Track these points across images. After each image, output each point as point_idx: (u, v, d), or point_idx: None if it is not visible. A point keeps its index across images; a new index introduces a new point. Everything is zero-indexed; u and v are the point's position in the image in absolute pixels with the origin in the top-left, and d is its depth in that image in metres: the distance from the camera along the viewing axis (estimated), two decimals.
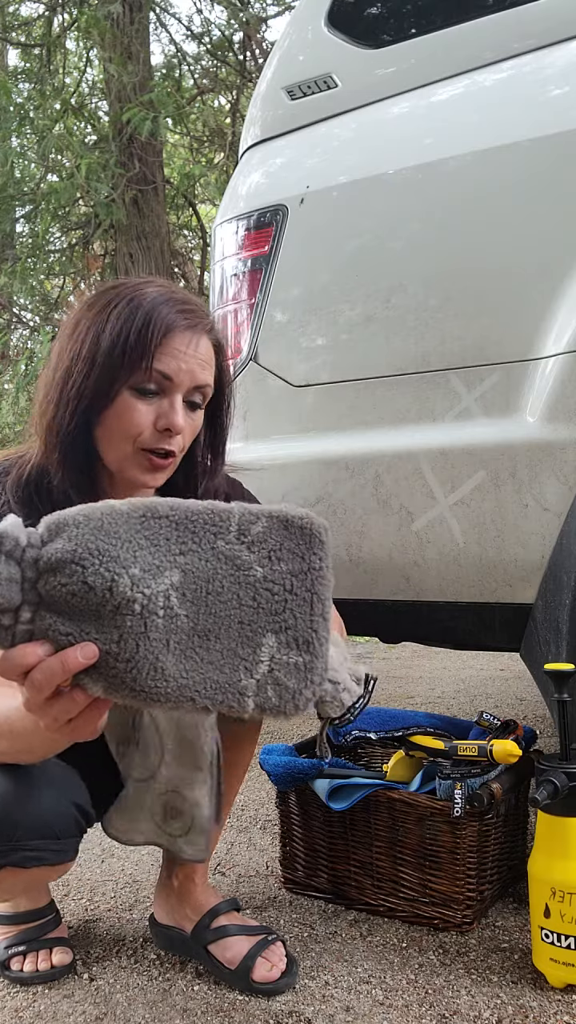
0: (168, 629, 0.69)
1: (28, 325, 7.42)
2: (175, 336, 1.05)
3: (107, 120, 6.63)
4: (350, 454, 1.46)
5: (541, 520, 1.30)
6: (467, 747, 1.31)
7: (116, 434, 1.05)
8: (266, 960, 1.16)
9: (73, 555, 0.67)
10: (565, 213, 1.29)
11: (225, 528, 0.73)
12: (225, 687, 0.70)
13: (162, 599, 0.70)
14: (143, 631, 0.69)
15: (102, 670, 0.68)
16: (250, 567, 0.72)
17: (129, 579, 0.68)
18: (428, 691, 3.13)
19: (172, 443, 1.06)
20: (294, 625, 0.73)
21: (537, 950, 1.14)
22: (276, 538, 0.74)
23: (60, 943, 1.26)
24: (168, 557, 0.71)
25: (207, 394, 1.10)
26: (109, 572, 0.68)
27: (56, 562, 0.67)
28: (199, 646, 0.71)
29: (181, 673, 0.69)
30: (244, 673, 0.71)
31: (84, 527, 0.69)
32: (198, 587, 0.71)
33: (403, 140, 1.48)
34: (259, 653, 0.72)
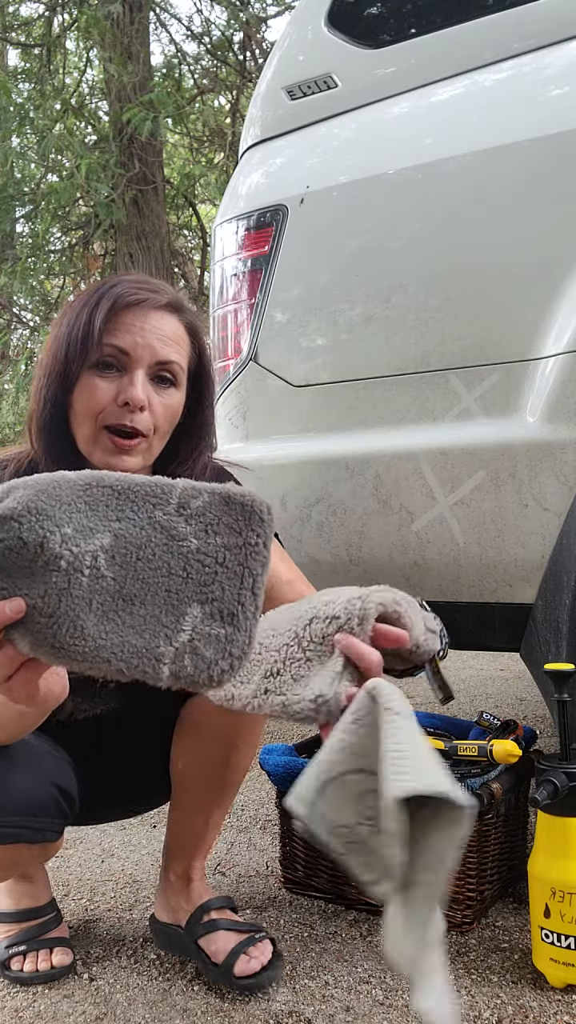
0: (92, 589, 0.71)
1: (28, 325, 7.42)
2: (129, 311, 1.05)
3: (107, 120, 6.63)
4: (350, 454, 1.46)
5: (541, 520, 1.30)
6: (467, 747, 1.31)
7: (80, 415, 1.06)
8: (247, 955, 1.16)
9: (12, 512, 0.70)
10: (565, 213, 1.29)
11: (165, 500, 0.75)
12: (142, 652, 0.72)
13: (89, 559, 0.72)
14: (66, 587, 0.71)
15: (28, 625, 0.70)
16: (185, 538, 0.74)
17: (60, 536, 0.71)
18: (428, 691, 3.13)
19: (136, 420, 1.05)
20: (220, 597, 0.74)
21: (537, 950, 1.14)
22: (215, 512, 0.76)
23: (60, 943, 1.26)
24: (103, 522, 0.73)
25: (175, 372, 1.09)
26: (43, 529, 0.70)
27: None
28: (122, 610, 0.72)
29: (100, 634, 0.71)
30: (164, 640, 0.72)
31: (29, 489, 0.72)
32: (128, 552, 0.73)
33: (403, 140, 1.48)
34: (181, 622, 0.73)
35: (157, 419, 1.07)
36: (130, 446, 1.06)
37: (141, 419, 1.05)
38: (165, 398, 1.08)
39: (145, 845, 1.70)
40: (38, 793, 1.08)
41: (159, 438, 1.10)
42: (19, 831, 1.07)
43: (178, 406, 1.11)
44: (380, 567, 1.46)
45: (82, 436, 1.07)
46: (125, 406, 1.04)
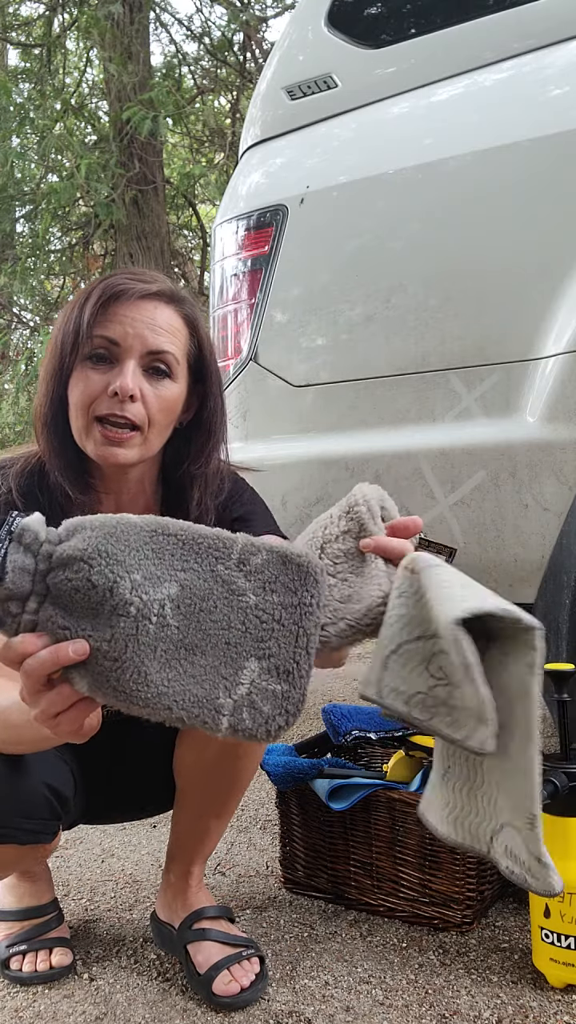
0: (158, 637, 0.73)
1: (28, 325, 7.42)
2: (120, 302, 1.04)
3: (107, 120, 6.63)
4: (350, 454, 1.46)
5: (541, 520, 1.30)
6: None
7: (75, 406, 1.06)
8: (229, 973, 1.14)
9: (83, 553, 0.71)
10: (565, 213, 1.29)
11: (227, 554, 0.77)
12: (203, 702, 0.73)
13: (157, 607, 0.73)
14: (134, 634, 0.72)
15: (90, 667, 0.71)
16: (244, 593, 0.76)
17: (130, 583, 0.72)
18: None
19: (127, 410, 1.03)
20: (277, 654, 0.76)
21: (537, 950, 1.13)
22: (273, 571, 0.77)
23: (61, 943, 1.26)
24: (169, 571, 0.75)
25: (170, 363, 1.07)
26: (112, 573, 0.72)
27: (67, 558, 0.71)
28: (184, 659, 0.74)
29: (163, 681, 0.72)
30: (223, 692, 0.74)
31: (98, 531, 0.73)
32: (192, 603, 0.75)
33: (403, 140, 1.48)
34: (240, 675, 0.75)
35: (151, 410, 1.05)
36: (121, 438, 1.04)
37: (132, 409, 1.04)
38: (159, 389, 1.06)
39: (145, 845, 1.70)
40: (30, 794, 1.08)
41: (156, 432, 1.07)
42: (10, 832, 1.07)
43: (175, 398, 1.09)
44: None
45: (76, 428, 1.07)
46: (115, 396, 1.03)
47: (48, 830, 1.12)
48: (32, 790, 1.08)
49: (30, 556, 0.71)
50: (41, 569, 0.71)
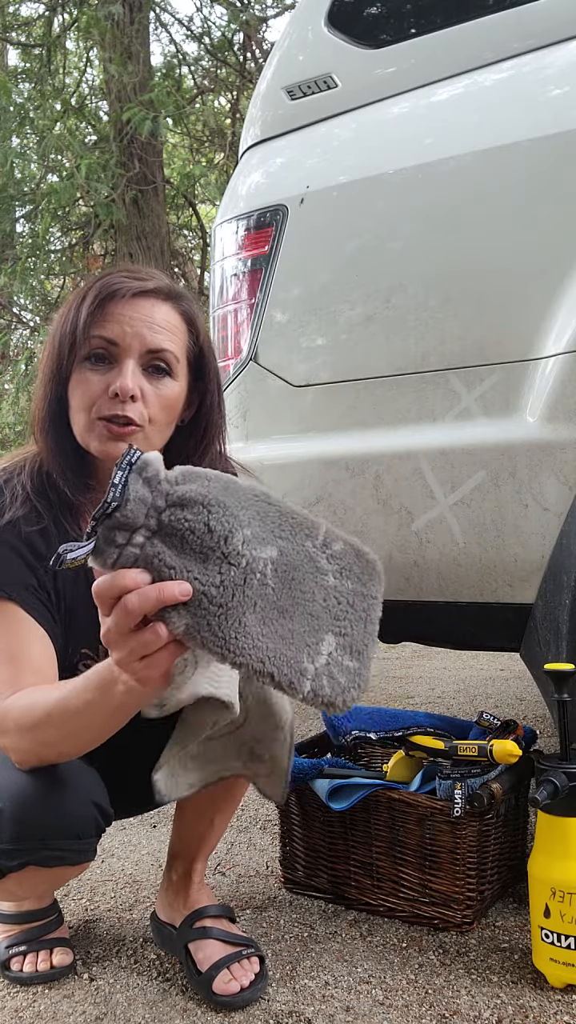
0: (259, 593, 0.76)
1: (28, 325, 7.42)
2: (117, 301, 1.04)
3: (107, 120, 6.63)
4: (350, 454, 1.46)
5: (541, 520, 1.30)
6: (467, 747, 1.31)
7: (76, 409, 1.06)
8: (229, 973, 1.14)
9: (204, 498, 0.74)
10: (565, 213, 1.29)
11: (315, 534, 0.82)
12: (292, 662, 0.76)
13: (262, 564, 0.76)
14: (242, 584, 0.74)
15: (192, 609, 0.73)
16: (326, 573, 0.81)
17: (242, 536, 0.75)
18: (428, 691, 3.13)
19: (128, 409, 1.03)
20: (351, 634, 0.81)
21: (537, 950, 1.13)
22: (349, 559, 0.83)
23: (61, 943, 1.26)
24: (272, 535, 0.79)
25: (169, 361, 1.06)
26: (229, 523, 0.74)
27: (188, 499, 0.73)
28: (276, 620, 0.77)
29: (260, 635, 0.75)
30: (307, 658, 0.77)
31: (215, 482, 0.76)
32: (287, 570, 0.78)
33: (403, 140, 1.48)
34: (321, 646, 0.79)
35: (151, 409, 1.06)
36: (124, 432, 1.04)
37: (133, 408, 1.04)
38: (160, 388, 1.06)
39: (145, 845, 1.70)
40: (81, 815, 1.08)
41: (156, 429, 1.08)
42: (64, 854, 1.08)
43: (175, 396, 1.09)
44: None
45: (78, 429, 1.07)
46: (116, 397, 1.03)
47: (94, 847, 1.12)
48: (82, 811, 1.08)
49: (147, 489, 0.72)
50: (158, 505, 0.72)
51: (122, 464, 0.72)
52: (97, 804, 1.10)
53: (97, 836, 1.12)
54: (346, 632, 0.80)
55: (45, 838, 1.06)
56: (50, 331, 1.10)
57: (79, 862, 1.11)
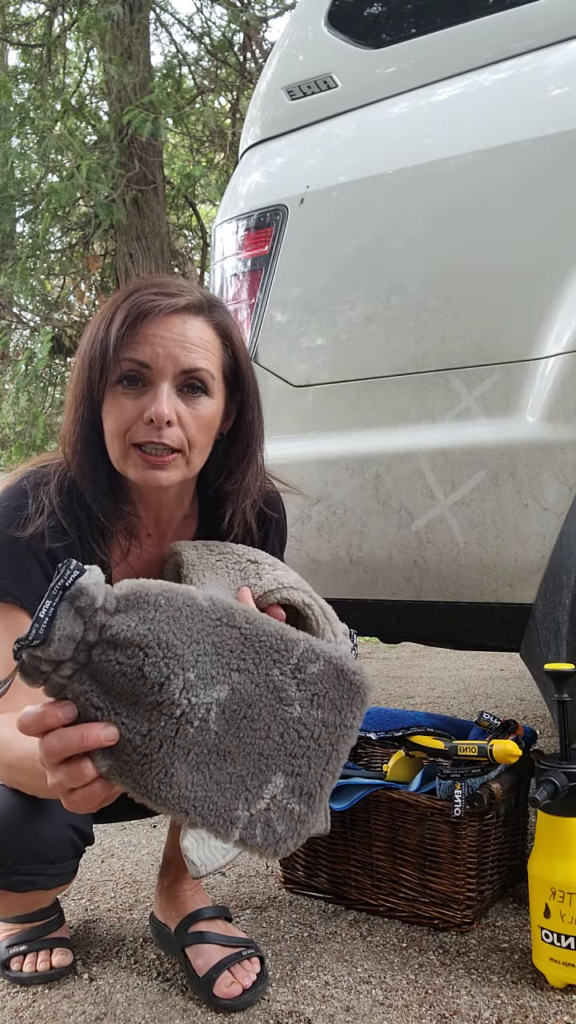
0: (194, 741, 0.69)
1: (28, 325, 7.42)
2: (148, 321, 0.99)
3: (107, 120, 6.63)
4: (350, 454, 1.46)
5: (541, 520, 1.30)
6: (467, 747, 1.31)
7: (110, 434, 1.02)
8: (230, 975, 1.13)
9: (142, 639, 0.66)
10: (565, 213, 1.29)
11: (286, 658, 0.73)
12: (220, 811, 0.70)
13: (203, 711, 0.69)
14: (172, 736, 0.68)
15: (116, 753, 0.67)
16: (291, 703, 0.73)
17: (182, 683, 0.67)
18: (428, 691, 3.13)
19: (164, 436, 0.99)
20: (305, 773, 0.73)
21: (537, 950, 1.13)
22: (325, 684, 0.74)
23: (61, 943, 1.25)
24: (225, 670, 0.70)
25: (205, 379, 1.02)
26: (167, 668, 0.67)
27: (122, 639, 0.66)
28: (214, 763, 0.70)
29: (187, 784, 0.69)
30: (242, 804, 0.71)
31: (162, 612, 0.68)
32: (239, 709, 0.71)
33: (403, 140, 1.48)
34: (263, 790, 0.72)
35: (189, 432, 1.01)
36: (163, 461, 1.00)
37: (170, 434, 0.99)
38: (196, 408, 1.02)
39: (145, 845, 1.69)
40: (56, 839, 1.07)
41: (197, 451, 1.03)
42: (36, 879, 1.07)
43: (213, 415, 1.04)
44: (380, 567, 1.46)
45: (114, 455, 1.03)
46: (151, 423, 0.98)
47: (71, 869, 1.12)
48: (57, 836, 1.07)
49: (80, 623, 0.65)
50: (89, 640, 0.65)
51: (53, 590, 0.64)
52: (74, 827, 1.09)
53: (75, 858, 1.12)
54: (300, 771, 0.72)
55: (17, 863, 1.05)
56: (79, 349, 1.06)
57: (52, 886, 1.11)
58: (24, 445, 6.57)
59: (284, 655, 0.73)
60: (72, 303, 7.66)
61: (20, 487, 1.06)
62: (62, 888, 1.17)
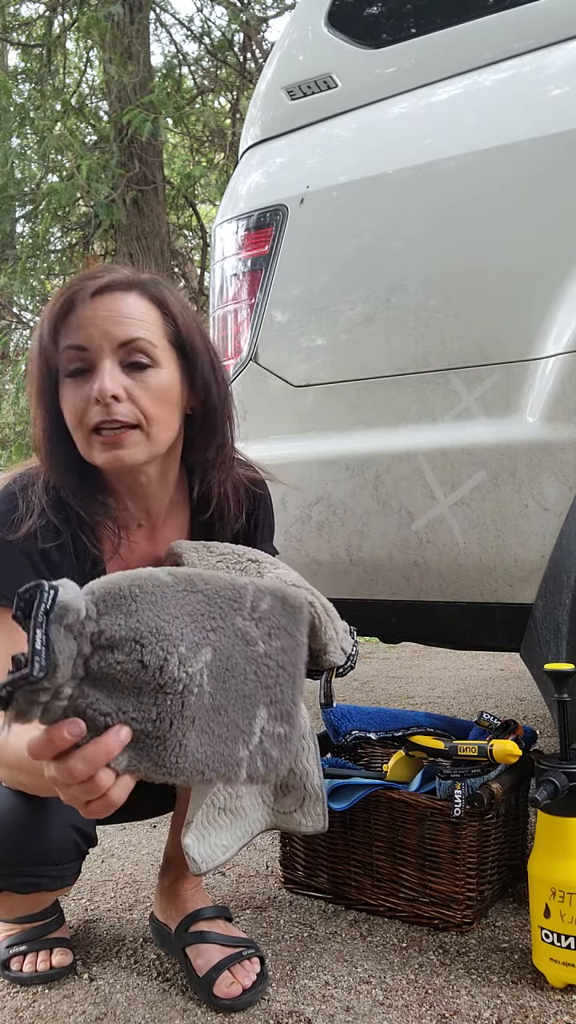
0: (197, 706, 0.71)
1: (28, 325, 7.42)
2: (78, 306, 1.00)
3: (107, 120, 6.63)
4: (350, 454, 1.46)
5: (541, 520, 1.30)
6: (467, 747, 1.31)
7: (71, 427, 1.03)
8: (230, 975, 1.13)
9: (135, 633, 0.67)
10: (565, 213, 1.29)
11: (242, 604, 0.77)
12: (227, 759, 0.73)
13: (198, 677, 0.72)
14: (180, 709, 0.70)
15: (132, 748, 0.69)
16: (256, 642, 0.77)
17: (177, 658, 0.70)
18: (428, 691, 3.13)
19: (114, 412, 0.98)
20: (281, 699, 0.78)
21: (537, 950, 1.13)
22: (276, 616, 0.79)
23: (61, 943, 1.25)
24: (204, 634, 0.73)
25: (147, 350, 1.01)
26: (163, 651, 0.69)
27: (116, 639, 0.66)
28: (213, 720, 0.73)
29: (198, 749, 0.71)
30: (242, 745, 0.75)
31: (141, 601, 0.69)
32: (222, 664, 0.74)
33: (403, 140, 1.48)
34: (253, 725, 0.76)
35: (142, 405, 1.00)
36: (119, 440, 0.99)
37: (120, 409, 0.99)
38: (145, 380, 1.01)
39: (145, 845, 1.70)
40: (58, 841, 1.07)
41: (157, 425, 1.02)
42: (39, 880, 1.07)
43: (165, 385, 1.02)
44: (380, 567, 1.46)
45: (80, 447, 1.03)
46: (99, 403, 0.98)
47: (74, 870, 1.12)
48: (60, 837, 1.07)
49: (72, 639, 0.64)
50: (84, 652, 0.65)
51: (38, 617, 0.62)
52: (77, 828, 1.09)
53: (78, 860, 1.11)
54: (276, 699, 0.77)
55: (20, 864, 1.05)
56: (29, 351, 1.07)
57: (55, 888, 1.11)
58: (24, 445, 6.57)
59: (240, 602, 0.77)
60: None
61: (9, 490, 1.07)
62: (65, 889, 1.17)
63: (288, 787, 1.09)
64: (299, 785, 1.10)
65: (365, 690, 3.21)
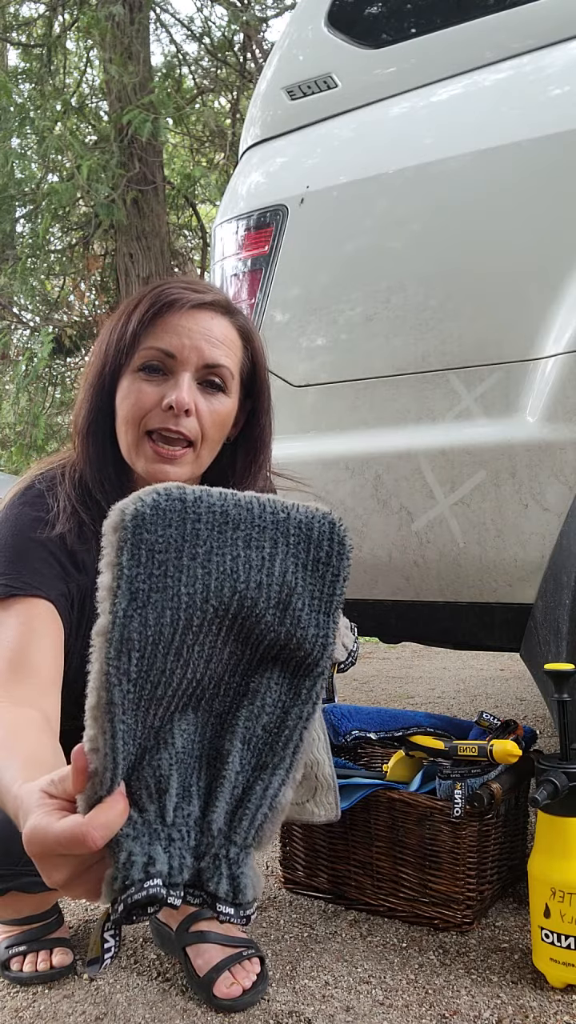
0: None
1: (28, 325, 7.42)
2: (175, 312, 1.00)
3: (107, 121, 6.63)
4: (350, 454, 1.46)
5: (541, 520, 1.30)
6: (467, 747, 1.31)
7: (124, 420, 1.02)
8: (231, 975, 1.13)
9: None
10: (565, 213, 1.29)
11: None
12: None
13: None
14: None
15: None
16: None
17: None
18: (428, 691, 3.13)
19: (181, 424, 0.99)
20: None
21: (537, 950, 1.13)
22: None
23: (61, 943, 1.25)
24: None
25: (225, 377, 1.02)
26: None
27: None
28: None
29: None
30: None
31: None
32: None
33: (403, 140, 1.48)
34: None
35: (205, 426, 1.01)
36: (174, 455, 1.00)
37: (187, 424, 0.99)
38: (214, 404, 1.02)
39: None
40: None
41: (207, 448, 1.03)
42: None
43: (228, 414, 1.04)
44: (380, 567, 1.46)
45: (125, 444, 1.02)
46: (170, 410, 0.98)
47: None
48: None
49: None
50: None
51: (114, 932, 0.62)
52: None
53: None
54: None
55: (28, 863, 1.05)
56: (98, 339, 1.06)
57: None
58: (24, 445, 6.57)
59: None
60: (72, 303, 7.67)
61: (37, 491, 1.05)
62: None
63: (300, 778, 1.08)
64: (311, 775, 1.09)
65: (365, 690, 3.22)
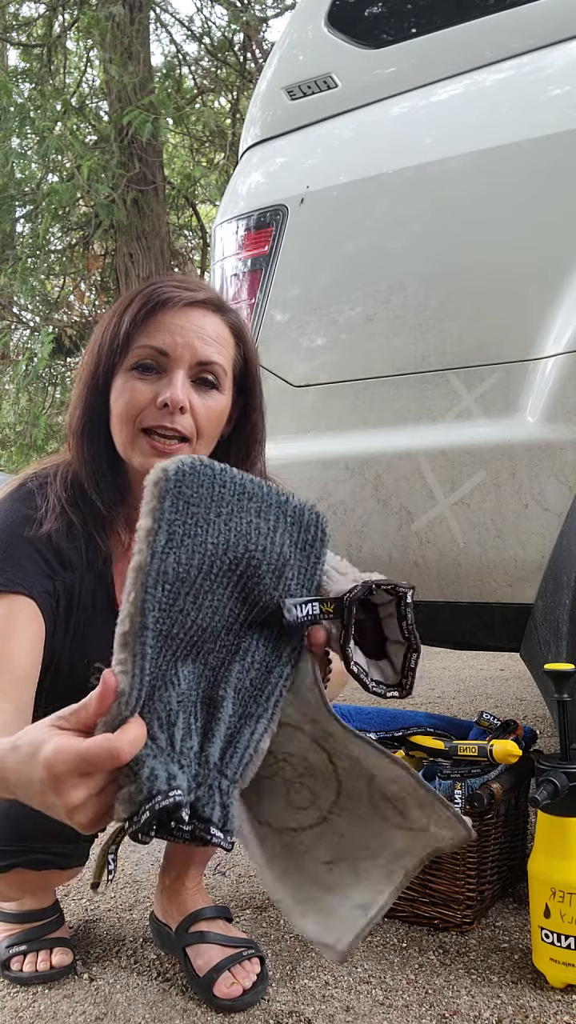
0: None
1: (28, 325, 7.42)
2: (168, 310, 1.01)
3: (108, 121, 6.63)
4: (350, 454, 1.46)
5: (541, 520, 1.30)
6: (467, 747, 1.31)
7: (119, 417, 1.03)
8: (231, 975, 1.13)
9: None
10: (565, 213, 1.29)
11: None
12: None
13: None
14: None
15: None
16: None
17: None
18: (428, 691, 3.13)
19: (176, 421, 1.00)
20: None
21: (537, 950, 1.13)
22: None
23: (61, 943, 1.25)
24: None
25: (218, 374, 1.03)
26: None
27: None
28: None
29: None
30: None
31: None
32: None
33: (403, 140, 1.48)
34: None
35: (199, 422, 1.02)
36: (170, 450, 1.01)
37: (182, 421, 1.01)
38: (207, 401, 1.03)
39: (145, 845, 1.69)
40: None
41: (203, 444, 1.04)
42: (52, 858, 1.07)
43: (222, 411, 1.06)
44: (380, 567, 1.46)
45: (120, 440, 1.03)
46: (164, 408, 0.99)
47: (83, 852, 1.12)
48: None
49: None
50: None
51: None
52: None
53: (90, 841, 1.12)
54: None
55: (32, 840, 1.05)
56: (92, 338, 1.07)
57: (68, 867, 1.11)
58: (24, 445, 6.58)
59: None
60: (72, 303, 7.67)
61: (27, 489, 1.07)
62: (75, 872, 1.17)
63: (399, 802, 0.76)
64: (410, 798, 0.77)
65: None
